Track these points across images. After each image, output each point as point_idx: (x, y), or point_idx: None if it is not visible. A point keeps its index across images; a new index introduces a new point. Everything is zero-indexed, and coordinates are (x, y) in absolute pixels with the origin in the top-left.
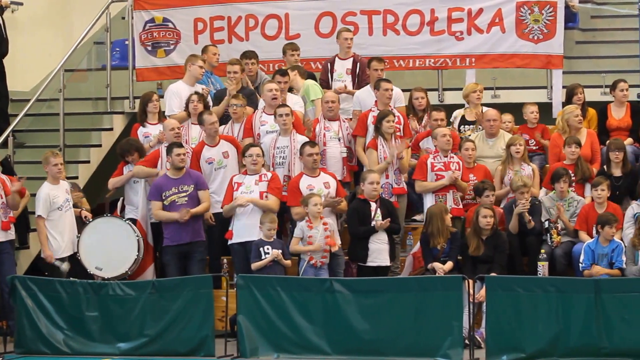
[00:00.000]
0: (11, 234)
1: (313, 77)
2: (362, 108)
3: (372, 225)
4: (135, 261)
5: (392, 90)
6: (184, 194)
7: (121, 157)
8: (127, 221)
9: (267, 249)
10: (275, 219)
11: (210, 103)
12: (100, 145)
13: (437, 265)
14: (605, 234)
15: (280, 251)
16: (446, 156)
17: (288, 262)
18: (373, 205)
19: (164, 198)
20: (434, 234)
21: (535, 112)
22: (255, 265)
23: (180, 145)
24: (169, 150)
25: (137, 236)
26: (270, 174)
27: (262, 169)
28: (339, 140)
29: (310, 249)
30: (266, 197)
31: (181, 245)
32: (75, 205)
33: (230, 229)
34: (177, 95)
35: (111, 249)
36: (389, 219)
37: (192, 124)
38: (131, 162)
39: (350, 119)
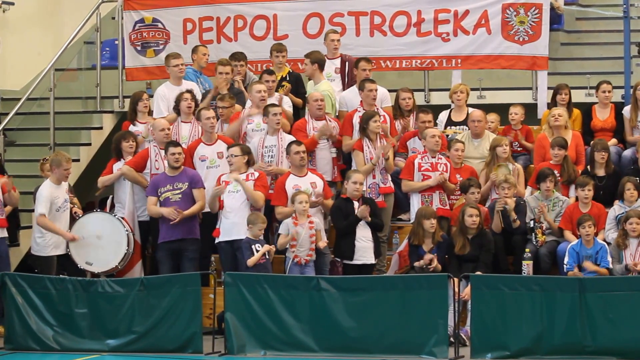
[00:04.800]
0: (5, 232)
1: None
2: (348, 108)
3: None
4: (125, 255)
5: (376, 90)
6: (178, 191)
7: (117, 146)
8: (116, 216)
9: (258, 246)
10: (265, 219)
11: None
12: (89, 144)
13: (425, 259)
14: (581, 234)
15: (272, 246)
16: (434, 157)
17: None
18: (356, 204)
19: (159, 194)
20: (418, 234)
21: (513, 114)
22: (251, 261)
23: (176, 145)
24: (165, 149)
25: (127, 231)
26: (257, 173)
27: (250, 167)
28: (327, 140)
29: (287, 240)
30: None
31: (173, 242)
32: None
33: (217, 227)
34: (163, 99)
35: (101, 244)
36: (368, 206)
37: (182, 122)
38: (127, 148)
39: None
